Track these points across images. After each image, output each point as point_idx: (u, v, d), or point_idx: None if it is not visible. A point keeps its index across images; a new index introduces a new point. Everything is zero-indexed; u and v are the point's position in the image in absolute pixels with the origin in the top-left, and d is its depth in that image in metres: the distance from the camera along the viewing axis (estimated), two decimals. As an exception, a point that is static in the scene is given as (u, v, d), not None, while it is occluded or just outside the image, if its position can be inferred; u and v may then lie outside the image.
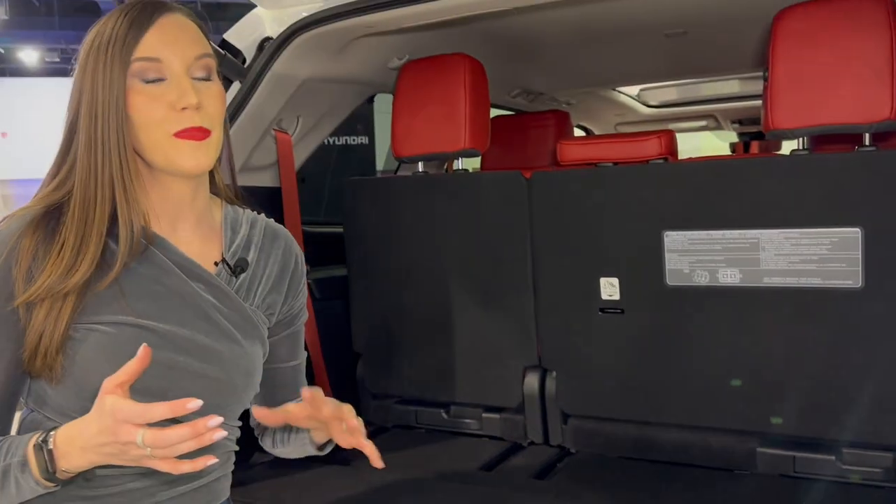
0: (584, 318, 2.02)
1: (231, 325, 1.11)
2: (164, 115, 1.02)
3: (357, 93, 2.41)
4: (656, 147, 1.93)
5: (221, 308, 1.11)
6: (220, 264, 1.14)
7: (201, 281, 1.10)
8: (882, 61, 1.64)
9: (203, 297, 1.09)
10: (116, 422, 0.87)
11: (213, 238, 1.16)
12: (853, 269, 1.69)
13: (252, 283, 1.18)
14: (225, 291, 1.12)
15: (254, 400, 1.21)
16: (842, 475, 1.76)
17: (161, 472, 1.05)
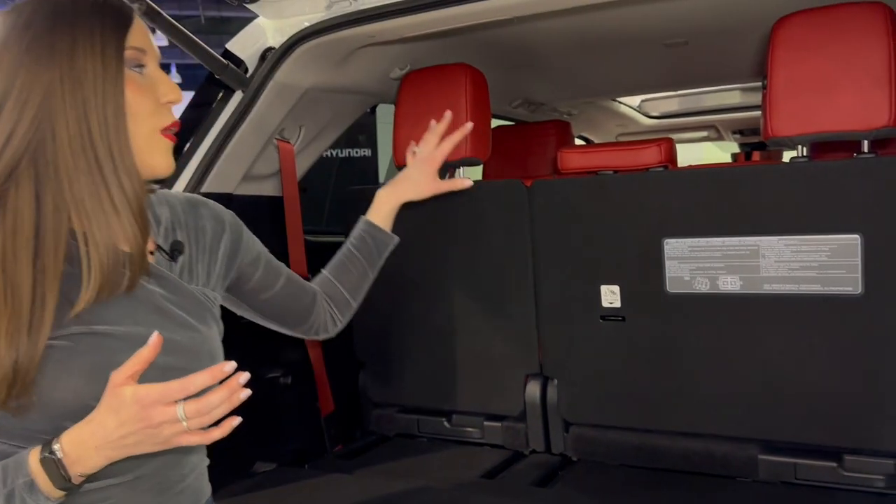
0: (585, 325, 2.03)
1: (184, 312, 1.09)
2: (155, 107, 1.02)
3: (359, 102, 2.43)
4: (656, 155, 1.94)
5: (171, 297, 1.09)
6: (155, 252, 1.11)
7: (145, 273, 1.07)
8: (880, 69, 1.65)
9: (150, 289, 1.07)
10: (145, 407, 0.88)
11: None
12: (853, 276, 1.69)
13: (192, 263, 1.16)
14: (169, 279, 1.10)
15: (275, 320, 1.40)
16: (843, 482, 1.76)
17: (147, 480, 1.06)
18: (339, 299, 1.51)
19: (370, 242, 1.60)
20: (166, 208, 1.18)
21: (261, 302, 1.36)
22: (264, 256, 1.36)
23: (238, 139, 1.94)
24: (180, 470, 1.12)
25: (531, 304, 2.10)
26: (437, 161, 1.71)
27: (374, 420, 2.42)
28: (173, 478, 1.11)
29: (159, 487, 1.08)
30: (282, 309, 1.40)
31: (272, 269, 1.37)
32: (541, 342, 2.11)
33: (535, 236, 2.07)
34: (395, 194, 1.69)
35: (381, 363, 2.37)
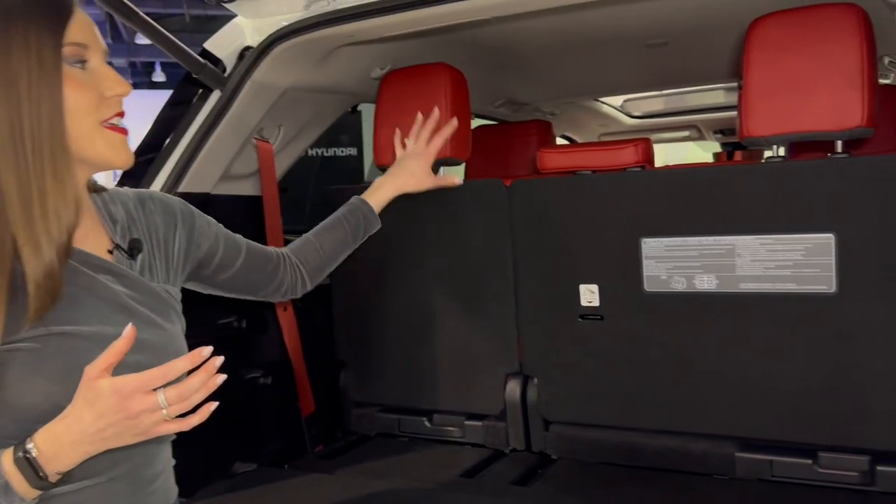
0: (564, 324, 2.04)
1: (149, 310, 1.10)
2: (96, 102, 1.01)
3: (340, 102, 2.43)
4: (633, 155, 1.95)
5: (135, 295, 1.09)
6: (115, 251, 1.12)
7: (107, 272, 1.08)
8: (853, 70, 1.67)
9: (114, 289, 1.07)
10: (124, 397, 0.88)
11: (95, 226, 1.13)
12: (827, 275, 1.71)
13: (150, 261, 1.17)
14: (132, 277, 1.10)
15: (239, 292, 1.46)
16: (819, 479, 1.77)
17: (121, 480, 1.06)
18: (313, 260, 1.61)
19: (360, 216, 1.74)
20: (120, 207, 1.18)
21: (223, 279, 1.40)
22: (222, 235, 1.38)
23: (216, 138, 1.94)
24: (153, 469, 1.12)
25: (511, 303, 2.11)
26: (431, 156, 1.86)
27: (355, 420, 2.42)
28: (146, 477, 1.11)
29: (132, 487, 1.08)
30: (244, 281, 1.45)
31: (232, 246, 1.40)
32: (521, 341, 2.12)
33: (515, 236, 2.08)
34: (394, 184, 1.83)
35: (362, 363, 2.37)
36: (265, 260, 1.49)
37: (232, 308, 2.08)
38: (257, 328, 2.23)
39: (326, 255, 1.65)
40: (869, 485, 1.73)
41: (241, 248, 1.43)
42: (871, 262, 1.67)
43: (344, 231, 1.70)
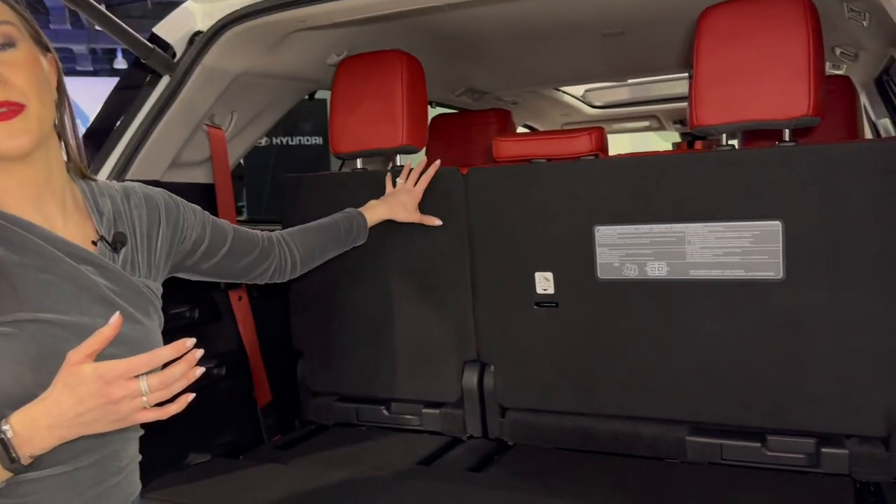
0: (520, 312, 2.05)
1: (128, 304, 1.10)
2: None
3: (296, 89, 2.40)
4: (587, 144, 1.96)
5: (114, 288, 1.09)
6: (99, 243, 1.11)
7: (89, 263, 1.08)
8: (800, 59, 1.69)
9: (95, 280, 1.07)
10: (107, 382, 0.88)
11: (82, 217, 1.13)
12: (774, 261, 1.74)
13: (133, 255, 1.16)
14: (113, 270, 1.10)
15: (224, 277, 1.50)
16: (767, 461, 1.81)
17: (85, 471, 1.06)
18: (306, 247, 1.69)
19: (354, 224, 1.88)
20: (108, 199, 1.17)
21: (208, 267, 1.41)
22: (209, 223, 1.39)
23: (165, 124, 1.90)
24: (118, 463, 1.12)
25: (468, 291, 2.11)
26: (419, 195, 2.06)
27: (313, 409, 2.41)
28: (111, 470, 1.11)
29: (96, 479, 1.08)
30: (230, 268, 1.47)
31: (218, 233, 1.41)
32: (478, 329, 2.12)
33: (471, 224, 2.08)
34: (387, 209, 2.03)
35: (320, 352, 2.36)
36: (251, 245, 1.51)
37: (184, 297, 2.05)
38: (211, 318, 2.20)
39: (319, 247, 1.75)
40: (815, 467, 1.77)
41: (228, 234, 1.44)
42: (817, 248, 1.70)
43: (338, 232, 1.82)
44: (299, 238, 1.69)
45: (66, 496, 1.04)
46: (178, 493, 1.84)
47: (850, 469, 1.74)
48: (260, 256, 1.54)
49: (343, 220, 1.85)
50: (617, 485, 1.82)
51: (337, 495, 1.78)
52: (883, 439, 1.71)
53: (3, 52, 1.00)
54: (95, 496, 1.08)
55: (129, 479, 1.16)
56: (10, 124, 0.99)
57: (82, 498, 1.06)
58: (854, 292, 1.68)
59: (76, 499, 1.05)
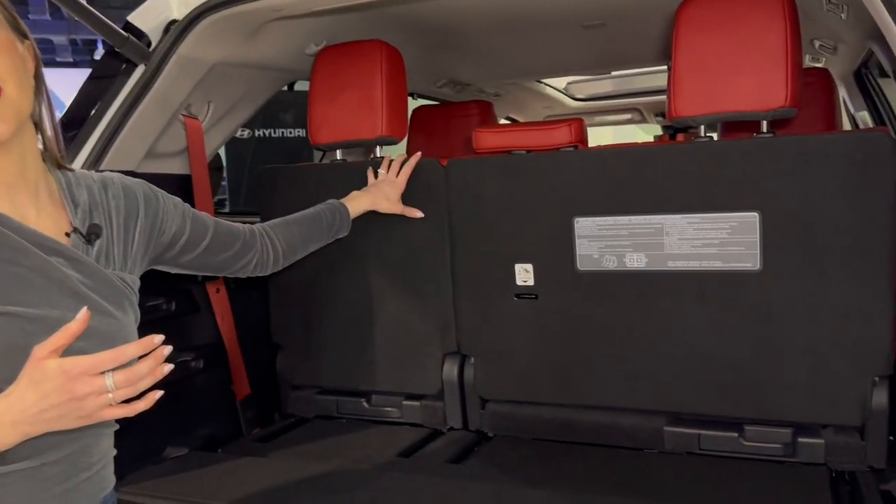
0: (500, 304, 2.04)
1: (101, 297, 1.08)
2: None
3: (274, 79, 2.38)
4: (566, 135, 1.95)
5: (87, 282, 1.07)
6: (72, 234, 1.09)
7: (60, 255, 1.06)
8: (777, 50, 1.70)
9: (66, 273, 1.05)
10: (71, 378, 0.86)
11: (56, 208, 1.11)
12: (752, 253, 1.75)
13: (108, 247, 1.14)
14: (86, 263, 1.08)
15: (205, 270, 1.47)
16: (744, 451, 1.82)
17: (53, 466, 1.04)
18: (290, 240, 1.67)
19: (337, 216, 1.85)
20: (84, 190, 1.15)
21: (188, 260, 1.39)
22: (189, 216, 1.36)
23: (140, 114, 1.88)
24: (88, 458, 1.10)
25: (448, 283, 2.11)
26: (402, 186, 2.05)
27: (293, 402, 2.39)
28: (81, 465, 1.09)
29: (65, 475, 1.06)
30: (211, 261, 1.45)
31: (199, 226, 1.39)
32: (458, 321, 2.12)
33: (452, 215, 2.07)
34: (370, 199, 2.00)
35: (299, 345, 2.35)
36: (233, 238, 1.49)
37: (161, 290, 2.03)
38: (188, 310, 2.18)
39: (301, 240, 1.72)
40: (791, 456, 1.79)
41: (209, 228, 1.41)
42: (794, 240, 1.71)
43: (320, 223, 1.79)
44: (282, 230, 1.67)
45: (32, 492, 1.02)
46: (154, 486, 1.82)
47: (825, 458, 1.76)
48: (242, 250, 1.52)
49: (326, 212, 1.83)
50: (596, 475, 1.83)
51: (317, 488, 1.77)
52: (858, 428, 1.73)
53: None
54: (63, 492, 1.06)
55: (101, 474, 1.14)
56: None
57: (50, 493, 1.04)
58: (830, 283, 1.69)
59: (43, 494, 1.04)
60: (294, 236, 1.69)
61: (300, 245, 1.73)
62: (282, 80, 2.43)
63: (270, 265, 1.64)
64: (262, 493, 1.75)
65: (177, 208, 1.32)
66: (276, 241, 1.63)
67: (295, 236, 1.70)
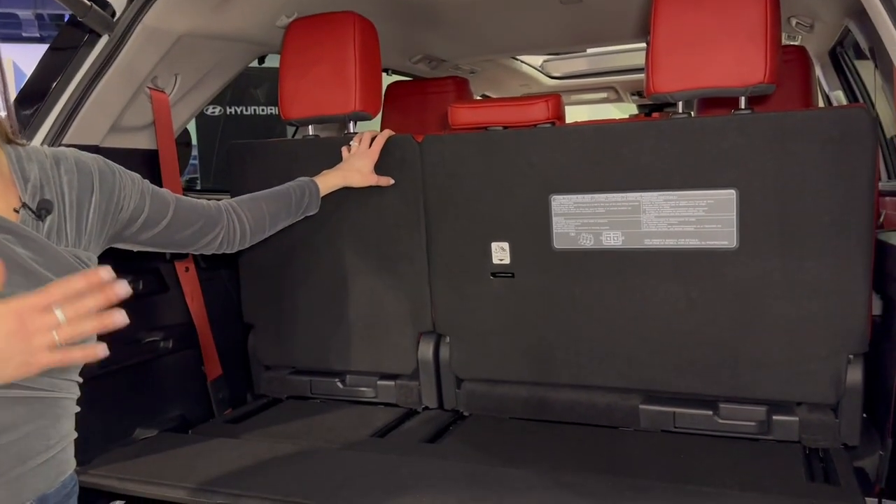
0: (476, 282, 2.02)
1: (53, 274, 1.05)
2: None
3: (244, 52, 2.31)
4: (543, 111, 1.92)
5: (38, 258, 1.04)
6: (21, 210, 1.06)
7: (8, 232, 1.02)
8: (756, 27, 1.68)
9: (14, 250, 1.02)
10: (20, 314, 0.83)
11: (6, 184, 1.08)
12: (728, 230, 1.74)
13: (60, 224, 1.11)
14: (36, 240, 1.05)
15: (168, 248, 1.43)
16: (718, 429, 1.83)
17: (9, 448, 1.01)
18: (256, 217, 1.63)
19: (306, 193, 1.82)
20: (35, 165, 1.11)
21: (148, 237, 1.35)
22: (149, 192, 1.32)
23: (104, 87, 1.81)
24: (46, 441, 1.07)
25: (424, 261, 2.08)
26: (374, 157, 2.02)
27: (266, 383, 2.36)
28: (38, 448, 1.06)
29: (21, 456, 1.03)
30: (172, 239, 1.41)
31: (159, 203, 1.35)
32: (433, 300, 2.09)
33: (427, 193, 2.04)
34: (342, 175, 1.97)
35: (272, 325, 2.31)
36: (196, 215, 1.45)
37: (128, 269, 1.97)
38: (157, 289, 2.13)
39: (269, 216, 1.69)
40: (765, 434, 1.79)
41: (169, 204, 1.37)
42: (771, 217, 1.70)
43: (289, 200, 1.76)
44: (248, 206, 1.63)
45: None
46: (123, 468, 1.78)
47: (799, 436, 1.76)
48: (206, 226, 1.48)
49: (295, 189, 1.79)
50: (571, 453, 1.82)
51: (290, 469, 1.74)
52: (832, 406, 1.74)
53: None
54: (18, 476, 1.03)
55: (59, 457, 1.10)
56: None
57: (4, 478, 1.01)
58: (805, 261, 1.69)
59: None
60: (261, 213, 1.66)
61: (268, 222, 1.69)
62: (252, 52, 2.37)
63: (237, 242, 1.60)
64: (234, 474, 1.72)
65: (135, 184, 1.28)
66: (244, 217, 1.60)
67: (262, 213, 1.66)
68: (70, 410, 1.12)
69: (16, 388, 0.99)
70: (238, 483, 1.67)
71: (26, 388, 1.00)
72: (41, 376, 1.01)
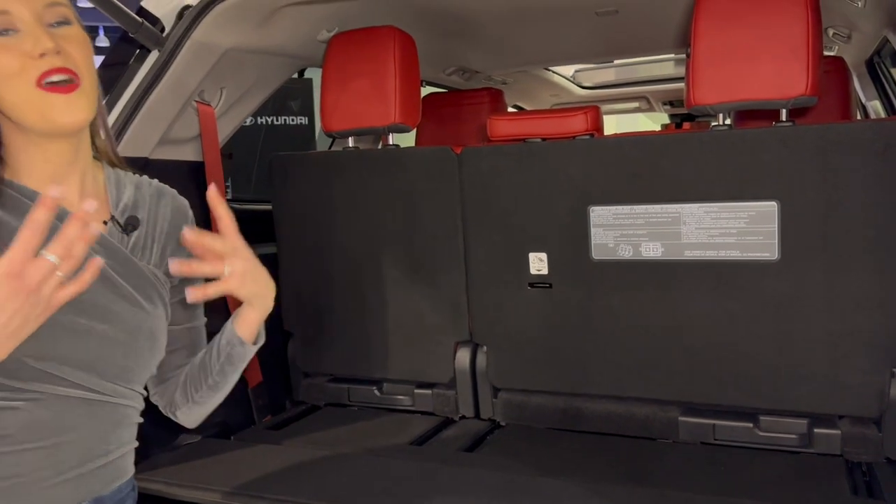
0: (513, 292, 2.04)
1: (131, 287, 1.08)
2: (20, 64, 0.97)
3: (285, 66, 2.36)
4: (582, 123, 1.94)
5: (119, 269, 1.08)
6: (109, 223, 1.10)
7: (96, 242, 1.05)
8: (798, 39, 1.68)
9: (97, 257, 1.05)
10: (17, 275, 0.83)
11: (99, 199, 1.12)
12: (770, 242, 1.74)
13: (146, 242, 1.14)
14: (118, 251, 1.09)
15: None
16: (759, 442, 1.82)
17: (67, 448, 1.04)
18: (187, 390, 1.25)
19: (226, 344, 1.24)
20: (132, 188, 1.16)
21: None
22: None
23: (154, 100, 1.86)
24: (105, 445, 1.10)
25: (461, 271, 2.10)
26: (245, 253, 1.16)
27: (304, 390, 2.39)
28: (97, 451, 1.08)
29: (80, 458, 1.06)
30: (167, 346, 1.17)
31: (193, 305, 1.22)
32: (470, 309, 2.11)
33: (465, 204, 2.06)
34: (246, 311, 1.22)
35: (311, 332, 2.34)
36: (194, 353, 1.24)
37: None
38: (201, 298, 2.17)
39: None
40: (807, 447, 1.78)
41: (197, 316, 1.24)
42: (813, 229, 1.70)
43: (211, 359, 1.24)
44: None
45: (46, 473, 1.02)
46: (168, 473, 1.82)
47: (842, 449, 1.75)
48: (165, 373, 1.22)
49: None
50: (609, 464, 1.83)
51: (331, 475, 1.77)
52: (875, 420, 1.73)
53: (60, 28, 1.01)
54: (78, 476, 1.05)
55: (118, 463, 1.13)
56: (71, 97, 0.98)
57: (63, 476, 1.04)
58: (849, 273, 1.68)
59: (56, 477, 1.03)
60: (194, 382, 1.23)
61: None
62: (293, 66, 2.41)
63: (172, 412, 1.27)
64: (277, 480, 1.75)
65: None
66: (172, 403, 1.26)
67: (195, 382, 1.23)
68: (132, 419, 1.15)
69: (78, 389, 1.02)
70: (282, 489, 1.70)
71: (88, 389, 1.03)
72: (104, 381, 1.04)
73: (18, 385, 0.98)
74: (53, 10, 1.01)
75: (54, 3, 1.01)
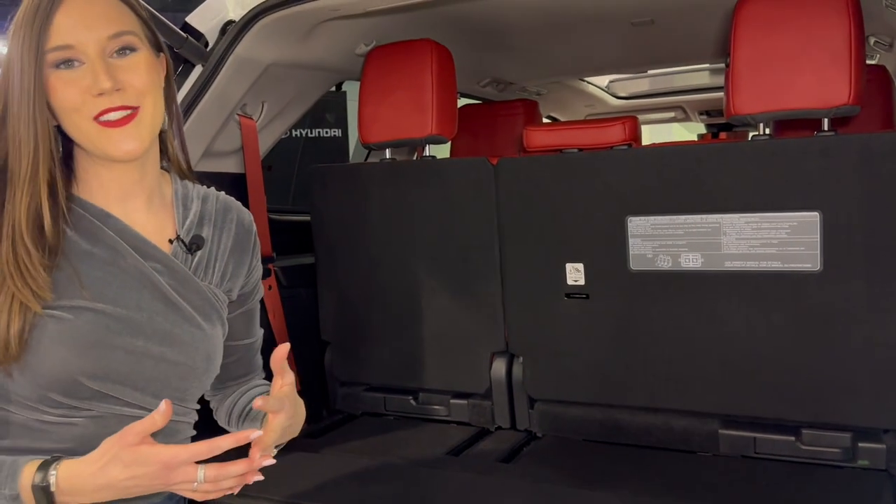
0: (550, 303, 2.03)
1: (191, 307, 1.09)
2: (80, 100, 0.99)
3: (324, 79, 2.40)
4: (620, 133, 1.94)
5: (180, 289, 1.09)
6: (175, 242, 1.12)
7: (157, 261, 1.08)
8: (840, 47, 1.66)
9: (159, 278, 1.07)
10: (170, 468, 0.90)
11: (166, 215, 1.14)
12: (812, 253, 1.71)
13: (209, 261, 1.15)
14: (180, 272, 1.10)
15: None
16: (801, 455, 1.79)
17: None
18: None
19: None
20: (199, 202, 1.17)
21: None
22: (253, 305, 1.26)
23: (198, 114, 1.91)
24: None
25: (497, 282, 2.10)
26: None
27: (341, 399, 2.41)
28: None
29: None
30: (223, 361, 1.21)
31: (251, 321, 1.27)
32: (507, 320, 2.12)
33: (501, 214, 2.07)
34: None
35: (348, 342, 2.36)
36: (249, 368, 1.32)
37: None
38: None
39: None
40: (851, 461, 1.75)
41: (254, 332, 1.29)
42: (856, 240, 1.68)
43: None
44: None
45: None
46: None
47: (887, 464, 1.72)
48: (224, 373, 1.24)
49: None
50: (647, 477, 1.81)
51: (369, 484, 1.78)
52: None
53: (123, 58, 1.02)
54: None
55: None
56: (126, 129, 1.01)
57: None
58: (893, 284, 1.65)
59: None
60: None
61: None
62: (331, 80, 2.45)
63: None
64: (318, 488, 1.77)
65: (254, 282, 1.25)
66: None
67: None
68: (184, 434, 1.17)
69: (133, 409, 1.04)
70: (319, 497, 1.72)
71: (143, 408, 1.05)
72: (159, 401, 1.00)
73: (76, 403, 1.01)
74: (118, 40, 1.02)
75: (119, 32, 1.02)
